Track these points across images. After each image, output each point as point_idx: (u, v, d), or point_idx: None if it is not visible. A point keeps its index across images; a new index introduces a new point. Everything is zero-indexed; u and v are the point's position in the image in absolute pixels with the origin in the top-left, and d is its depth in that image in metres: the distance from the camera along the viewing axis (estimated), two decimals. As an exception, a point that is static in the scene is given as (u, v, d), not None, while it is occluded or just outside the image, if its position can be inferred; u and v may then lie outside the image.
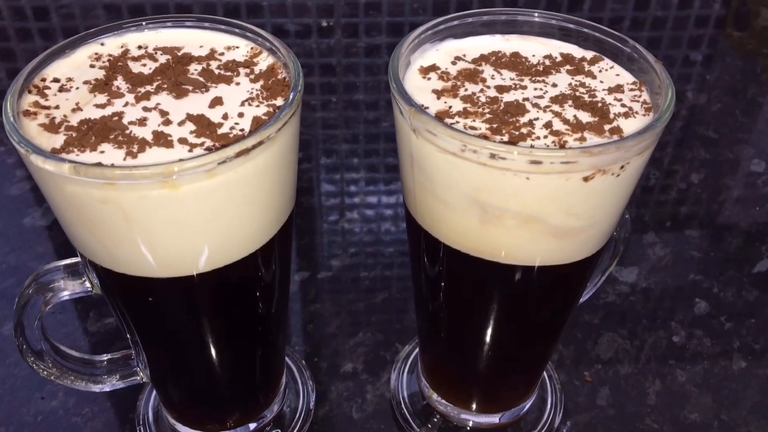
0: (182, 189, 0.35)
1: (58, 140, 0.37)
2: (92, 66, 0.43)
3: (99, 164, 0.35)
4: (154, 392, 0.59)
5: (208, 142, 0.37)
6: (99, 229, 0.38)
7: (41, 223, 0.76)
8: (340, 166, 0.86)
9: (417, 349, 0.63)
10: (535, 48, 0.47)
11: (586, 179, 0.37)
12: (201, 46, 0.45)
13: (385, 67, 1.03)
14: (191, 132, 0.38)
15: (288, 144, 0.40)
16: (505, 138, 0.38)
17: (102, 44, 0.45)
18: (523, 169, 0.36)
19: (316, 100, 0.97)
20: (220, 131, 0.38)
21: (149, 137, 0.37)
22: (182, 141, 0.37)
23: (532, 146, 0.37)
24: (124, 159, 0.36)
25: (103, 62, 0.43)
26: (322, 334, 0.66)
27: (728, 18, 1.24)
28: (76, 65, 0.43)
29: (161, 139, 0.37)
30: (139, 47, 0.45)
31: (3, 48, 1.08)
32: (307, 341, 0.65)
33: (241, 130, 0.38)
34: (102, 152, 0.36)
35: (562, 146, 0.38)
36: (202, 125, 0.38)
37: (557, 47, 0.47)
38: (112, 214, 0.36)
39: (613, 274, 0.71)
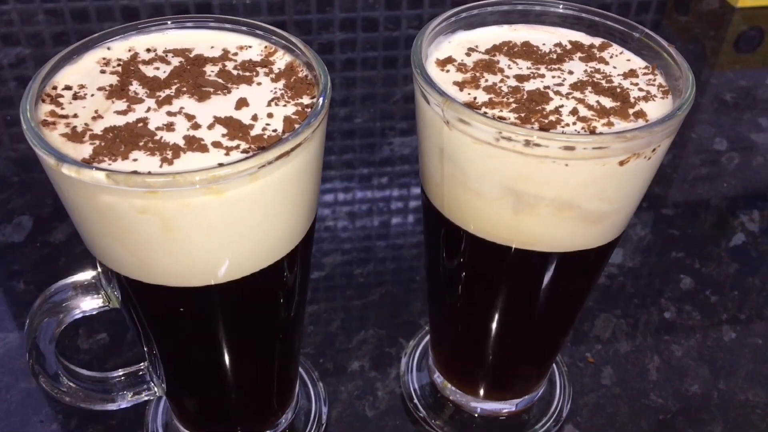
0: (225, 194, 0.34)
1: (85, 150, 0.35)
2: (103, 71, 0.41)
3: (136, 172, 0.33)
4: (162, 406, 0.57)
5: (244, 145, 0.36)
6: (133, 240, 0.36)
7: (13, 239, 0.73)
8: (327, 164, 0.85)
9: (422, 342, 0.63)
10: (543, 37, 0.47)
11: (621, 163, 0.38)
12: (212, 47, 0.44)
13: (362, 63, 1.03)
14: (223, 135, 0.37)
15: (320, 144, 0.39)
16: (536, 126, 0.39)
17: (108, 48, 0.43)
18: (561, 156, 0.37)
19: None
20: (253, 133, 0.37)
21: (181, 143, 0.36)
22: (216, 145, 0.36)
23: (563, 132, 0.38)
24: (161, 166, 0.34)
25: (114, 67, 0.41)
26: (324, 334, 0.65)
27: (669, 3, 1.29)
28: (86, 71, 0.41)
29: (194, 144, 0.36)
30: (148, 50, 0.43)
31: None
32: (310, 343, 0.64)
33: (274, 130, 0.37)
34: (135, 160, 0.35)
35: (592, 132, 0.38)
36: (234, 128, 0.37)
37: (565, 35, 0.47)
38: (150, 223, 0.35)
39: (600, 257, 0.73)
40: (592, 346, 0.65)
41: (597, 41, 0.47)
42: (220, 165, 0.34)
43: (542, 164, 0.37)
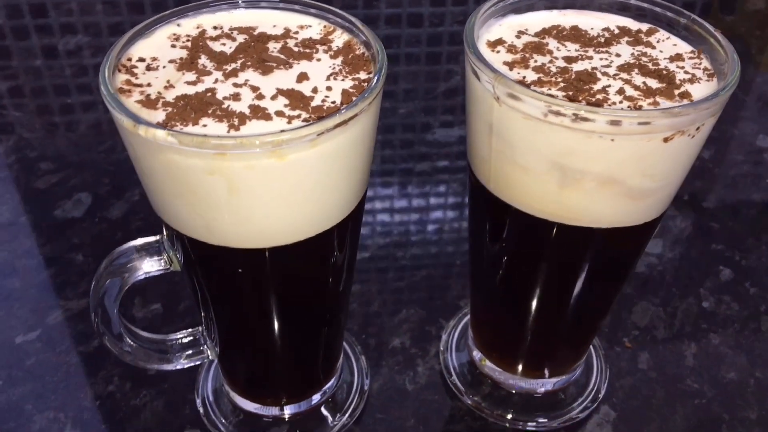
0: (287, 158, 0.37)
1: (158, 115, 0.38)
2: (173, 46, 0.44)
3: (206, 135, 0.36)
4: (212, 371, 0.60)
5: (304, 114, 0.38)
6: (200, 201, 0.39)
7: (73, 215, 0.76)
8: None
9: (462, 322, 0.65)
10: (592, 22, 0.49)
11: (666, 140, 0.39)
12: (274, 26, 0.46)
13: (405, 57, 1.05)
14: (285, 105, 0.39)
15: (375, 117, 0.41)
16: (583, 104, 0.40)
17: (178, 25, 0.45)
18: (607, 131, 0.38)
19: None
20: (313, 104, 0.39)
21: (247, 111, 0.38)
22: (279, 114, 0.38)
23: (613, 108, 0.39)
24: (228, 131, 0.37)
25: (184, 42, 0.44)
26: (367, 312, 0.67)
27: (714, 4, 1.28)
28: (158, 46, 0.44)
29: (259, 113, 0.38)
30: (215, 27, 0.46)
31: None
32: (353, 320, 0.66)
33: (333, 102, 0.39)
34: (205, 125, 0.37)
35: (639, 109, 0.40)
36: (296, 99, 0.39)
37: (613, 20, 0.49)
38: (217, 185, 0.37)
39: (640, 246, 0.74)
40: (629, 332, 0.66)
41: (644, 27, 0.48)
42: (283, 131, 0.36)
43: (589, 139, 0.39)
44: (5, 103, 0.94)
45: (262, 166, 0.36)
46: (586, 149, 0.39)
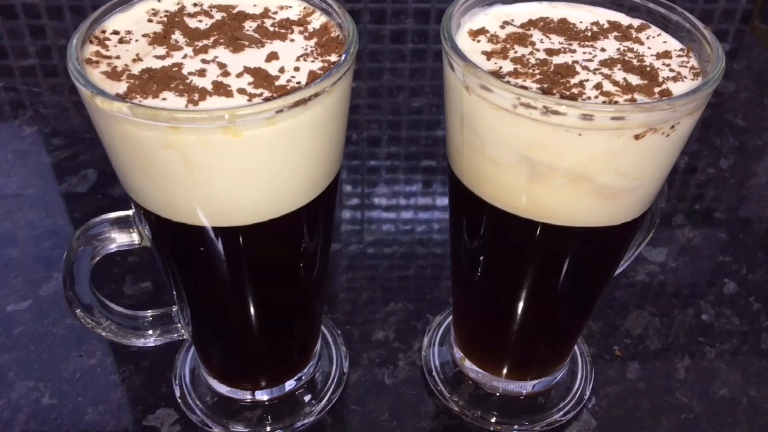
0: (242, 135, 0.36)
1: (120, 87, 0.38)
2: (150, 21, 0.44)
3: (161, 108, 0.36)
4: (191, 352, 0.60)
5: (266, 93, 0.38)
6: (158, 176, 0.38)
7: (78, 190, 0.77)
8: (368, 143, 0.87)
9: (448, 320, 0.64)
10: (582, 15, 0.47)
11: (637, 137, 0.38)
12: (255, 5, 0.46)
13: (411, 53, 1.04)
14: (249, 83, 0.39)
15: (341, 99, 0.41)
16: (556, 97, 0.39)
17: (159, 1, 0.45)
18: (576, 125, 0.37)
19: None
20: (277, 83, 0.39)
21: (209, 87, 0.38)
22: (241, 91, 0.38)
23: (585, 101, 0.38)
24: (186, 106, 0.37)
25: (161, 17, 0.44)
26: (355, 303, 0.66)
27: (754, 11, 1.24)
28: (135, 19, 0.44)
29: (221, 89, 0.38)
30: (195, 4, 0.46)
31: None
32: (339, 310, 0.66)
33: (298, 82, 0.39)
34: (164, 99, 0.37)
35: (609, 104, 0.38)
36: (260, 77, 0.39)
37: (604, 15, 0.47)
38: (173, 159, 0.37)
39: (642, 254, 0.72)
40: (621, 340, 0.64)
41: (636, 22, 0.47)
42: (237, 108, 0.35)
43: (556, 132, 0.38)
44: (28, 81, 0.96)
45: (217, 142, 0.36)
46: (553, 143, 0.38)
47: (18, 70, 0.98)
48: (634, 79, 0.41)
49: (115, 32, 0.43)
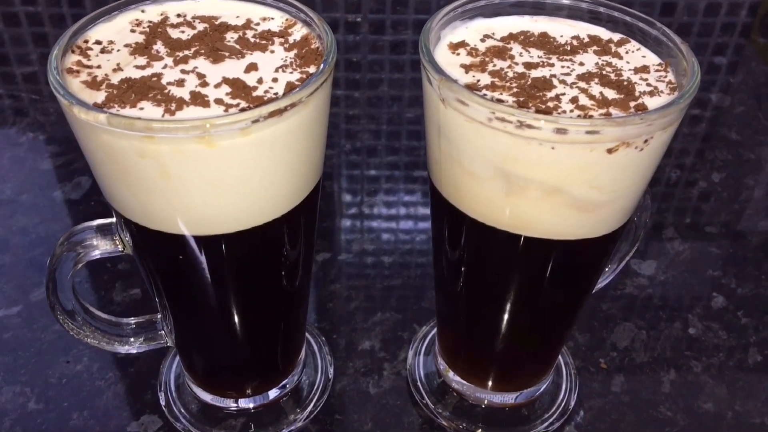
0: (218, 145, 0.37)
1: (99, 96, 0.38)
2: (133, 31, 0.44)
3: (137, 118, 0.36)
4: (177, 360, 0.60)
5: (243, 104, 0.38)
6: (136, 184, 0.39)
7: (71, 197, 0.78)
8: (362, 152, 0.87)
9: (434, 330, 0.64)
10: (563, 29, 0.47)
11: (609, 151, 0.38)
12: (237, 17, 0.46)
13: (411, 64, 1.05)
14: (227, 94, 0.39)
15: (319, 110, 0.41)
16: (532, 111, 0.39)
17: (143, 11, 0.46)
18: (549, 139, 0.37)
19: (340, 93, 0.98)
20: (254, 94, 0.39)
21: (187, 97, 0.38)
22: (218, 102, 0.38)
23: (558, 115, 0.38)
24: (163, 116, 0.37)
25: (144, 28, 0.45)
26: (341, 312, 0.67)
27: (754, 26, 1.24)
28: (118, 30, 0.44)
29: (198, 99, 0.38)
30: (178, 15, 0.46)
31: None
32: (326, 319, 0.66)
33: (275, 93, 0.39)
34: (141, 108, 0.38)
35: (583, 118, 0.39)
36: (238, 88, 0.39)
37: (585, 29, 0.48)
38: (150, 168, 0.37)
39: (631, 267, 0.72)
40: (607, 352, 0.64)
41: (616, 37, 0.47)
42: (211, 118, 0.36)
43: (529, 146, 0.38)
44: (23, 88, 0.97)
45: (192, 152, 0.37)
46: (527, 157, 0.38)
47: (19, 76, 0.99)
48: (611, 94, 0.41)
49: (98, 42, 0.43)
